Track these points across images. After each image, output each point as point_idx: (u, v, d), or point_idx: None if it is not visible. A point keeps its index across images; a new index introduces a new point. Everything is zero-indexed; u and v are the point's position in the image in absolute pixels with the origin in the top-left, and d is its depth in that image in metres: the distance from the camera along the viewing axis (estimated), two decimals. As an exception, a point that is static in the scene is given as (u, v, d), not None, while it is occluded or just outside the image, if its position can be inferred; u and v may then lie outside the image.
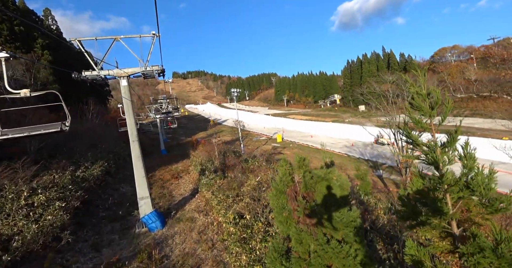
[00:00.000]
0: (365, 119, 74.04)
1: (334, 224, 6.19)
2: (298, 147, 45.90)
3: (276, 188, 6.89)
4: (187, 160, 30.14)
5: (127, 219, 14.45)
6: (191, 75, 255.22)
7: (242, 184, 14.77)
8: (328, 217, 6.18)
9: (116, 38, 12.96)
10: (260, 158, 24.84)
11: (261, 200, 12.16)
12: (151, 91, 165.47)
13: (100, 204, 16.29)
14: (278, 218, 6.84)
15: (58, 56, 36.86)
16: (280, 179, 6.95)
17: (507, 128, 49.58)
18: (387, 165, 33.24)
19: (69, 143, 21.46)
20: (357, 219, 6.76)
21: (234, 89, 39.50)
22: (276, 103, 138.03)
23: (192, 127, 74.98)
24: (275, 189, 6.88)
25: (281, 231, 7.08)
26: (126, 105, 13.23)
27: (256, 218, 11.28)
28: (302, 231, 6.23)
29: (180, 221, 13.79)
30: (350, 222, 6.41)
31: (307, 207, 6.36)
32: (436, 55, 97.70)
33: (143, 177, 13.25)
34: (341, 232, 6.24)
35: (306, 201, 6.47)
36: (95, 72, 12.52)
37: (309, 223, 6.24)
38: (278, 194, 6.84)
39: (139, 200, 13.15)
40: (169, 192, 18.83)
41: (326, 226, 6.14)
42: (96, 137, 26.31)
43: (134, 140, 13.30)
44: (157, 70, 13.33)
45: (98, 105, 38.25)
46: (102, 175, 18.73)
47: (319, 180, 6.65)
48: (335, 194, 6.62)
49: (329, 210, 6.45)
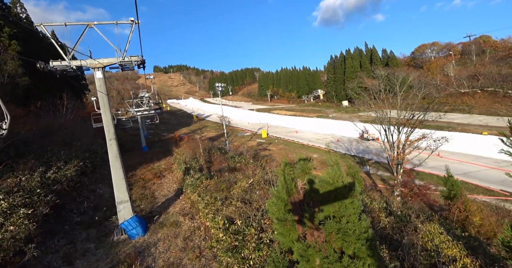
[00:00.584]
0: (349, 114, 74.61)
1: (346, 238, 5.40)
2: (284, 143, 45.29)
3: (276, 195, 5.99)
4: (170, 157, 28.78)
5: (105, 225, 13.18)
6: (173, 70, 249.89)
7: (231, 185, 13.81)
8: (339, 229, 5.37)
9: (89, 25, 11.52)
10: (247, 155, 23.91)
11: (252, 203, 11.27)
12: (132, 86, 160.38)
13: (75, 208, 14.86)
14: (278, 230, 5.96)
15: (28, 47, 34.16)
16: (281, 185, 6.04)
17: (484, 124, 51.19)
18: (374, 161, 33.21)
19: (40, 141, 19.70)
20: (369, 229, 5.99)
21: (218, 84, 38.19)
22: (260, 98, 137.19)
23: (175, 123, 72.88)
24: (275, 197, 5.98)
25: (282, 244, 6.22)
26: (101, 100, 11.87)
27: (248, 223, 10.39)
28: (310, 247, 5.38)
29: (163, 226, 12.69)
30: (362, 233, 5.64)
31: (315, 217, 5.53)
32: (417, 52, 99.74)
33: (121, 179, 12.00)
34: (353, 246, 5.46)
35: (313, 211, 5.63)
36: (65, 62, 11.08)
37: (317, 237, 5.40)
38: (279, 202, 5.94)
39: (117, 204, 11.92)
40: (151, 193, 17.60)
41: (337, 240, 5.33)
42: (70, 134, 24.45)
43: (111, 138, 11.99)
44: (137, 61, 12.03)
45: (74, 100, 35.92)
46: (76, 175, 17.20)
47: (326, 185, 5.81)
48: (345, 202, 5.82)
49: (339, 221, 5.65)
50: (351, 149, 39.84)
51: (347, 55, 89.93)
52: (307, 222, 5.55)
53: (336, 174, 5.97)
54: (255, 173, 17.73)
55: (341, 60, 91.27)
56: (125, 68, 12.74)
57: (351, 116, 71.47)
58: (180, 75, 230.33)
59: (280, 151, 39.46)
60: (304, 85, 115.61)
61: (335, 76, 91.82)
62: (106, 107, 12.05)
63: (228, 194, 12.92)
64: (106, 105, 12.04)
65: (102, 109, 11.95)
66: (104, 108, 12.00)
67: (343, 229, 5.30)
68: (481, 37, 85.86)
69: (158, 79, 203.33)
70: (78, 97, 46.55)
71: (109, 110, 12.11)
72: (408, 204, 14.71)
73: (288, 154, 36.57)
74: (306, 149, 40.51)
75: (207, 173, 18.31)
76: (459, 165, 28.43)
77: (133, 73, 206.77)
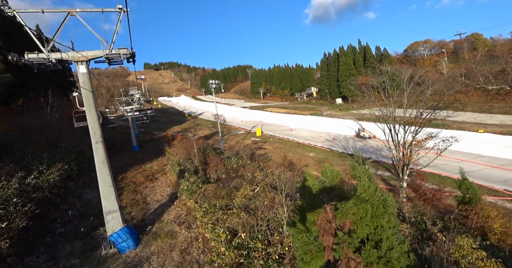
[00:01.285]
0: (343, 112, 74.07)
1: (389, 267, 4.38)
2: (279, 141, 44.26)
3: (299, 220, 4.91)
4: (162, 158, 27.44)
5: (92, 236, 11.91)
6: (164, 67, 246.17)
7: (231, 191, 12.65)
8: (380, 258, 4.36)
9: (70, 12, 10.16)
10: (244, 156, 22.78)
11: (256, 212, 10.16)
12: (122, 83, 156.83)
13: (58, 217, 13.50)
14: (302, 256, 4.90)
15: (11, 41, 32.21)
16: (307, 205, 4.96)
17: (479, 121, 51.18)
18: (372, 160, 32.46)
19: (21, 142, 18.18)
20: (410, 253, 4.98)
21: (212, 81, 36.80)
22: (252, 96, 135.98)
23: (166, 121, 71.12)
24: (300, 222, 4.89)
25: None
26: (86, 98, 10.55)
27: (253, 235, 9.29)
28: (345, 282, 4.34)
29: (157, 237, 11.50)
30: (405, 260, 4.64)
31: (350, 243, 4.49)
32: (409, 49, 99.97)
33: (110, 187, 10.72)
34: (397, 278, 4.47)
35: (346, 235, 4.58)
36: (43, 54, 9.73)
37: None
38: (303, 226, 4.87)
39: (105, 214, 10.66)
40: (143, 198, 16.33)
41: (378, 271, 4.32)
42: (55, 134, 22.86)
43: (97, 140, 10.70)
44: (126, 54, 10.73)
45: (59, 98, 34.06)
46: (61, 180, 15.80)
47: (360, 202, 4.78)
48: (381, 221, 4.81)
49: (376, 245, 4.63)
50: (348, 147, 39.05)
51: (341, 52, 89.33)
52: (338, 248, 4.51)
53: (369, 188, 4.94)
54: (255, 175, 16.63)
55: (334, 57, 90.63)
56: (113, 62, 11.44)
57: (345, 114, 71.17)
58: (171, 72, 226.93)
59: (276, 149, 38.43)
60: (297, 83, 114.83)
61: (329, 73, 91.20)
62: (91, 106, 10.73)
63: (229, 201, 11.77)
64: (91, 104, 10.72)
65: (87, 109, 10.63)
66: (89, 107, 10.68)
67: (385, 257, 4.28)
68: (473, 35, 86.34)
69: (148, 77, 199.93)
70: (65, 94, 44.56)
71: (94, 110, 10.79)
72: (419, 209, 13.86)
73: (284, 153, 35.59)
74: (302, 148, 39.56)
75: (203, 176, 17.15)
76: (459, 163, 27.89)
77: (123, 70, 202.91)
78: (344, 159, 33.16)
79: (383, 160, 31.56)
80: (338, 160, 32.68)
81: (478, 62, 65.84)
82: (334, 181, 5.15)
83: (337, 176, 5.24)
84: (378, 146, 35.59)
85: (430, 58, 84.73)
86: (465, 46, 79.69)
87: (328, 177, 5.20)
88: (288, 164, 24.46)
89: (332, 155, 35.27)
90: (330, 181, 5.12)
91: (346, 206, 4.65)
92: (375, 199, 4.81)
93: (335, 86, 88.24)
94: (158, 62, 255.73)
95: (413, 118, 16.55)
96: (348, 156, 34.66)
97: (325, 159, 33.24)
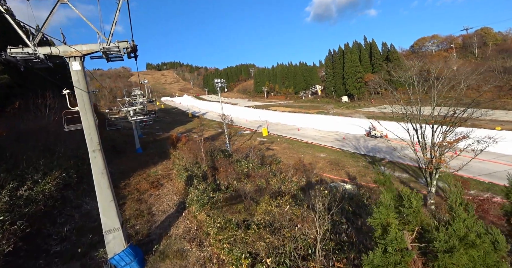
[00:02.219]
0: (350, 110, 72.28)
1: None
2: (287, 141, 42.74)
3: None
4: (167, 161, 26.03)
5: (90, 256, 10.49)
6: (166, 67, 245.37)
7: (249, 204, 11.14)
8: None
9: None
10: (254, 159, 21.30)
11: (281, 230, 8.65)
12: (124, 84, 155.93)
13: (54, 233, 12.08)
14: None
15: (7, 41, 30.94)
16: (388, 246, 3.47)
17: (494, 118, 49.24)
18: (387, 160, 30.84)
19: (15, 147, 16.79)
20: None
21: (218, 80, 35.31)
22: (256, 95, 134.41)
23: (169, 121, 69.87)
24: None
25: None
26: (80, 99, 9.09)
27: (279, 260, 7.80)
28: None
29: (165, 258, 10.04)
30: None
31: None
32: (416, 45, 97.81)
33: (110, 201, 9.27)
34: None
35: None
36: (28, 49, 8.30)
37: None
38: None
39: (105, 234, 9.21)
40: (148, 208, 14.90)
41: None
42: (53, 137, 21.46)
43: (95, 148, 9.23)
44: (126, 47, 9.26)
45: (59, 99, 32.74)
46: (58, 190, 14.40)
47: (462, 246, 3.28)
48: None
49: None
50: (359, 147, 37.41)
51: (346, 49, 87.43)
52: None
53: (473, 223, 3.46)
54: (269, 182, 15.15)
55: (339, 54, 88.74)
56: (112, 58, 9.96)
57: (352, 112, 69.41)
58: (173, 72, 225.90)
59: (285, 150, 36.95)
60: (301, 81, 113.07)
61: (334, 71, 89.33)
62: (87, 108, 9.26)
63: (246, 216, 10.27)
64: (87, 106, 9.25)
65: (82, 111, 9.16)
66: (85, 109, 9.20)
67: None
68: (482, 30, 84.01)
69: (151, 77, 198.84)
70: (65, 96, 43.21)
71: (91, 113, 9.32)
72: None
73: (294, 154, 34.07)
74: (311, 148, 38.00)
75: (213, 182, 15.68)
76: (480, 164, 26.23)
77: (125, 71, 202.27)
78: (357, 160, 31.57)
79: (399, 161, 29.98)
80: (351, 161, 31.10)
81: (489, 57, 63.81)
82: (419, 214, 3.67)
83: (420, 204, 3.77)
84: (391, 146, 33.90)
85: (438, 53, 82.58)
86: (475, 41, 77.55)
87: (412, 206, 3.71)
88: (303, 166, 22.90)
89: (344, 156, 33.67)
90: (414, 214, 3.63)
91: (453, 256, 3.15)
92: (485, 242, 3.30)
93: (341, 84, 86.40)
94: (161, 62, 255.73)
95: (444, 117, 14.99)
96: (361, 157, 33.05)
97: (337, 160, 31.66)
